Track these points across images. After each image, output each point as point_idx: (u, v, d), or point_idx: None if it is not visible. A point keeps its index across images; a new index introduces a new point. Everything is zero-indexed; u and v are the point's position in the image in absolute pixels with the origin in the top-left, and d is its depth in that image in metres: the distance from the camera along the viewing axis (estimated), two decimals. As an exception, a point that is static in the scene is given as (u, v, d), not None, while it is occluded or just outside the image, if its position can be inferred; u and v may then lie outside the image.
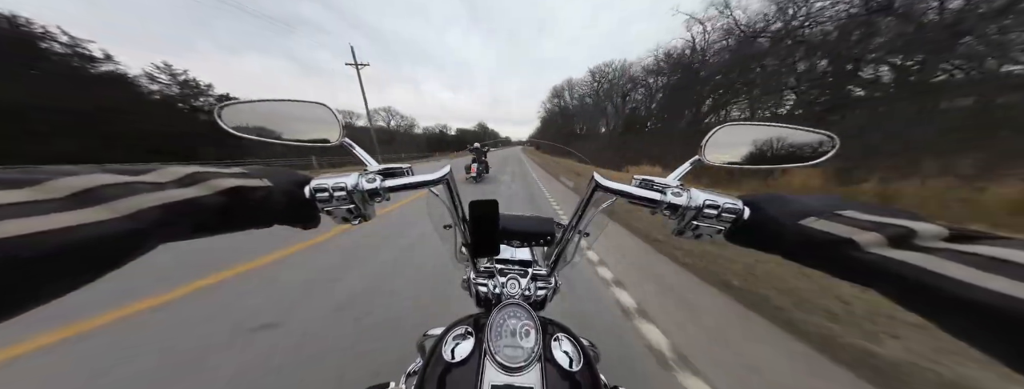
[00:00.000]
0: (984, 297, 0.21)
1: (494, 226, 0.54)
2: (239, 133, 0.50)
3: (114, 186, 0.23)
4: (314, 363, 1.67)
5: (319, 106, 0.52)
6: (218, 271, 2.80)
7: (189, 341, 1.84)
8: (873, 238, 0.28)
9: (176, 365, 1.66)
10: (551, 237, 0.73)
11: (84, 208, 0.21)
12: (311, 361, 1.69)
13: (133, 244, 0.23)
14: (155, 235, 0.25)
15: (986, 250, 0.23)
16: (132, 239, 0.23)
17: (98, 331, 1.93)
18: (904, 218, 0.29)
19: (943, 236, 0.26)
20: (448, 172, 0.46)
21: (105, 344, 1.82)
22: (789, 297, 2.21)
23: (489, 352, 0.46)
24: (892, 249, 0.27)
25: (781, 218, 0.35)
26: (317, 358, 1.71)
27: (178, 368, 1.64)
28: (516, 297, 0.64)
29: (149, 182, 0.26)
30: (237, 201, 0.31)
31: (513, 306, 0.54)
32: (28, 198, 0.20)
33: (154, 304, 2.26)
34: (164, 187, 0.26)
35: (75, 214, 0.20)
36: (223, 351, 1.75)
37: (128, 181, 0.24)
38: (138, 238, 0.23)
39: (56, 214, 0.20)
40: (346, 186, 0.39)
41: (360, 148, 0.54)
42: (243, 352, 1.75)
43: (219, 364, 1.66)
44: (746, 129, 0.52)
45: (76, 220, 0.20)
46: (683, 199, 0.42)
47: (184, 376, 1.59)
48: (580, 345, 0.52)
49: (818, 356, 1.75)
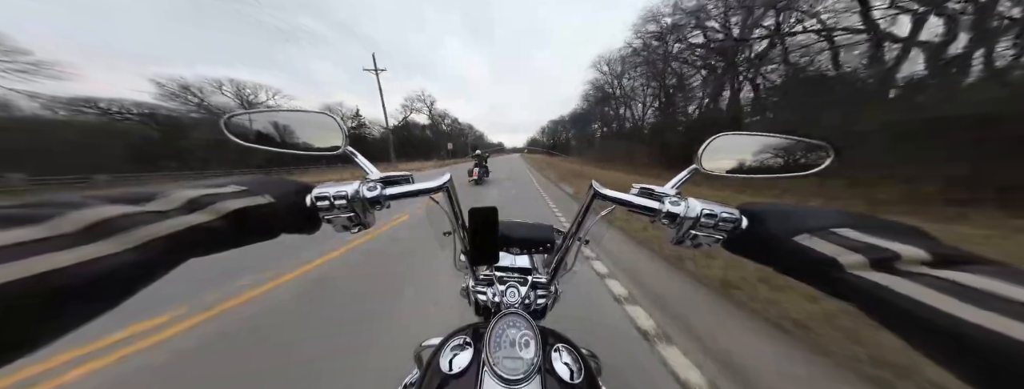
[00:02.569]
0: (955, 326, 0.21)
1: (494, 233, 0.54)
2: (246, 143, 0.51)
3: (122, 217, 0.24)
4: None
5: (324, 116, 0.53)
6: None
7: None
8: (857, 260, 0.29)
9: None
10: (551, 244, 0.73)
11: (96, 242, 0.22)
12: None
13: (144, 274, 0.24)
14: (164, 263, 0.26)
15: (964, 278, 0.24)
16: (142, 269, 0.24)
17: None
18: (897, 238, 0.29)
19: (925, 261, 0.27)
20: (448, 180, 0.47)
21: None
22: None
23: (488, 363, 0.45)
24: (873, 272, 0.28)
25: (778, 233, 0.35)
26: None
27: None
28: (516, 306, 0.63)
29: (154, 211, 0.26)
30: (242, 221, 0.32)
31: (512, 315, 0.53)
32: (45, 235, 0.20)
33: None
34: (169, 215, 0.27)
35: (88, 249, 0.21)
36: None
37: (135, 212, 0.25)
38: (148, 268, 0.24)
39: (70, 250, 0.20)
40: (347, 194, 0.39)
41: (362, 156, 0.53)
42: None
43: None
44: (742, 138, 0.52)
45: (89, 255, 0.21)
46: (681, 208, 0.42)
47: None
48: (581, 356, 0.50)
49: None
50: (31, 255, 0.19)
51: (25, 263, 0.18)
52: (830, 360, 1.71)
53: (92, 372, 1.71)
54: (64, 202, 0.23)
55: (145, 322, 2.12)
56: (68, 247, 0.20)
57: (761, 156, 0.51)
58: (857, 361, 1.66)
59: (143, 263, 0.24)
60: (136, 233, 0.24)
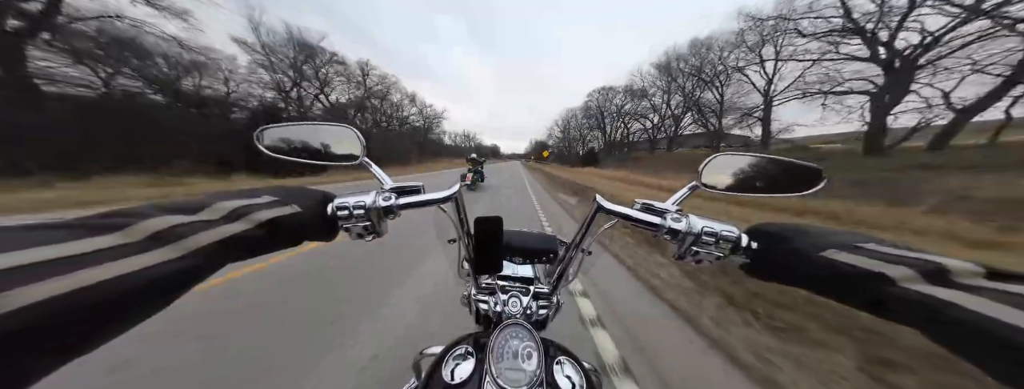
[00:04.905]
0: None
1: (498, 242, 0.55)
2: (275, 154, 0.54)
3: (180, 226, 0.27)
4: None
5: (345, 128, 0.56)
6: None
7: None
8: (906, 273, 0.27)
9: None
10: (554, 254, 0.74)
11: (159, 249, 0.25)
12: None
13: (194, 276, 0.27)
14: (210, 266, 0.28)
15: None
16: (194, 272, 0.27)
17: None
18: (926, 253, 0.28)
19: (981, 274, 0.25)
20: (457, 190, 0.49)
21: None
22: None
23: (490, 375, 0.44)
24: (930, 285, 0.26)
25: (804, 250, 0.34)
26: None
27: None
28: (518, 316, 0.63)
29: (205, 220, 0.30)
30: (274, 229, 0.35)
31: (515, 326, 0.52)
32: (120, 242, 0.23)
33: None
34: (216, 224, 0.30)
35: (152, 255, 0.24)
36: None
37: (190, 221, 0.28)
38: (198, 271, 0.27)
39: (139, 255, 0.23)
40: (365, 204, 0.41)
41: (377, 166, 0.55)
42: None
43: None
44: (739, 158, 0.55)
45: (154, 260, 0.24)
46: (682, 225, 0.43)
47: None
48: (583, 370, 0.50)
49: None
50: (108, 261, 0.22)
51: (103, 268, 0.21)
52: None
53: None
54: (131, 213, 0.26)
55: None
56: (136, 253, 0.23)
57: (756, 175, 0.54)
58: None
59: (194, 267, 0.26)
60: (190, 240, 0.27)
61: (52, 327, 0.18)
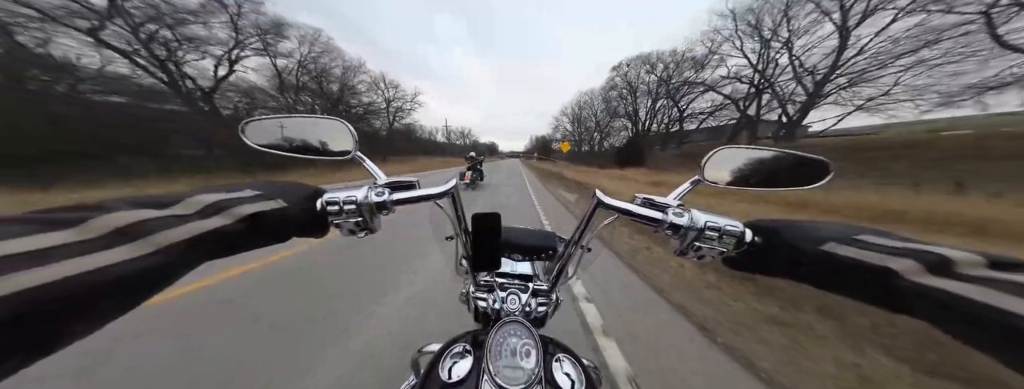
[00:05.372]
0: None
1: (496, 239, 0.54)
2: (262, 148, 0.52)
3: (147, 221, 0.25)
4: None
5: (337, 122, 0.54)
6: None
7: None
8: (910, 265, 0.27)
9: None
10: (553, 251, 0.73)
11: (123, 245, 0.23)
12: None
13: (164, 275, 0.25)
14: (184, 264, 0.26)
15: None
16: (165, 269, 0.24)
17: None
18: (924, 243, 0.28)
19: (983, 263, 0.25)
20: (454, 185, 0.47)
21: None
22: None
23: (488, 372, 0.44)
24: (935, 277, 0.26)
25: (799, 244, 0.33)
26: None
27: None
28: (516, 314, 0.62)
29: (177, 215, 0.27)
30: (256, 224, 0.33)
31: (513, 323, 0.52)
32: (76, 238, 0.21)
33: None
34: (190, 219, 0.28)
35: (116, 252, 0.22)
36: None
37: (159, 216, 0.26)
38: (170, 269, 0.25)
39: (100, 253, 0.21)
40: (356, 199, 0.40)
41: (371, 161, 0.54)
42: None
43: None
44: (743, 152, 0.53)
45: (117, 257, 0.22)
46: (685, 220, 0.42)
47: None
48: (582, 367, 0.50)
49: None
50: (62, 259, 0.20)
51: (56, 266, 0.19)
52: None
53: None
54: (93, 207, 0.24)
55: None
56: (96, 250, 0.21)
57: (761, 169, 0.52)
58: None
59: (165, 265, 0.24)
60: (159, 236, 0.25)
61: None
